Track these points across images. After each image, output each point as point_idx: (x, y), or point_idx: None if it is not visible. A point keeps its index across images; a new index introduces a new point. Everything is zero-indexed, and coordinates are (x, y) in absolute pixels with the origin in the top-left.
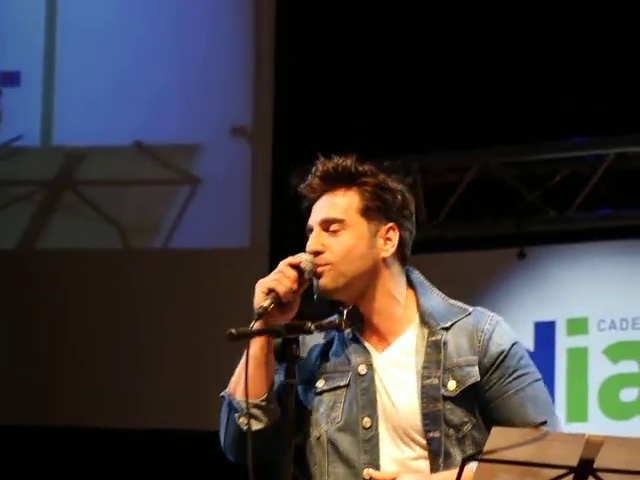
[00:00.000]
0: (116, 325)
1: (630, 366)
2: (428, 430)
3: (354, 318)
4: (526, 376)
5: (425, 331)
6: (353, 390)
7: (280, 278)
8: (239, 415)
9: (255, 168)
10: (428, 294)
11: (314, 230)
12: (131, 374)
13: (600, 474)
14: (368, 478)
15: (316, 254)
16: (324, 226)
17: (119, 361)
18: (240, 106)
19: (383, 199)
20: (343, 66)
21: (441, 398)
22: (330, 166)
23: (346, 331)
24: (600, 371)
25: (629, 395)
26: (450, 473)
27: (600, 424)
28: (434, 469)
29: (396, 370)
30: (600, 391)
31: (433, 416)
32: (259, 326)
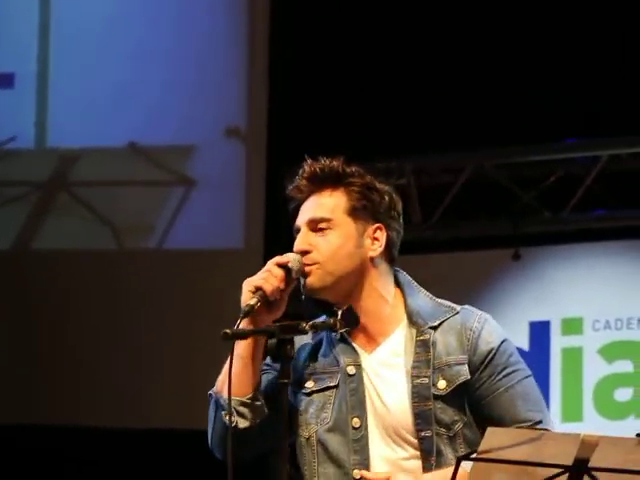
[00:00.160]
0: (111, 325)
1: (625, 366)
2: (419, 429)
3: (349, 319)
4: (516, 373)
5: (413, 331)
6: (342, 391)
7: (267, 277)
8: (226, 413)
9: (249, 169)
10: (415, 294)
11: (301, 230)
12: (127, 373)
13: (595, 473)
14: (358, 478)
15: (303, 253)
16: (311, 226)
17: (115, 360)
18: (234, 107)
19: (370, 199)
20: (338, 67)
21: (432, 397)
22: (317, 167)
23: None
24: (595, 371)
25: (624, 395)
26: (443, 472)
27: (595, 424)
28: (426, 468)
29: (385, 371)
30: (595, 391)
31: (424, 415)
32: (245, 324)
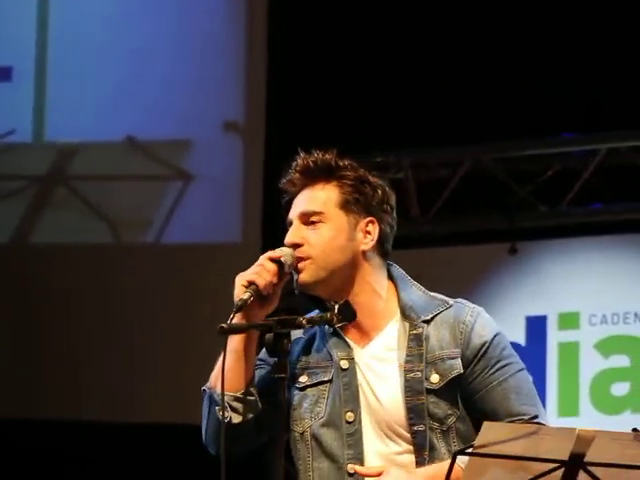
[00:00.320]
0: (108, 320)
1: (621, 360)
2: (412, 424)
3: (346, 313)
4: (509, 366)
5: (406, 325)
6: (336, 385)
7: (260, 271)
8: (219, 408)
9: (247, 164)
10: (408, 288)
11: (293, 223)
12: (123, 368)
13: (591, 468)
14: (352, 472)
15: (295, 246)
16: (303, 219)
17: (110, 355)
18: (232, 102)
19: (363, 193)
20: (336, 62)
21: (424, 391)
22: (310, 160)
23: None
24: (591, 365)
25: (620, 389)
26: (436, 466)
27: (591, 418)
28: (419, 463)
29: (378, 365)
30: (591, 385)
31: (417, 410)
32: (238, 319)
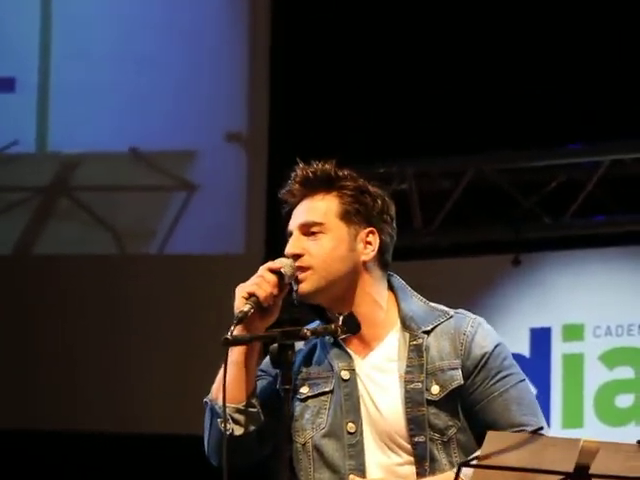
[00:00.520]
0: (111, 330)
1: (626, 372)
2: (413, 435)
3: (350, 325)
4: (510, 377)
5: (407, 335)
6: (337, 396)
7: (260, 282)
8: (221, 420)
9: (250, 174)
10: (409, 298)
11: (293, 234)
12: (126, 378)
13: None
14: None
15: (295, 257)
16: (303, 230)
17: (114, 366)
18: (235, 113)
19: (363, 203)
20: (339, 73)
21: (425, 402)
22: (309, 171)
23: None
24: (596, 377)
25: (625, 401)
26: (436, 478)
27: (596, 430)
28: (420, 474)
29: (379, 375)
30: (596, 397)
31: (417, 421)
32: (239, 331)
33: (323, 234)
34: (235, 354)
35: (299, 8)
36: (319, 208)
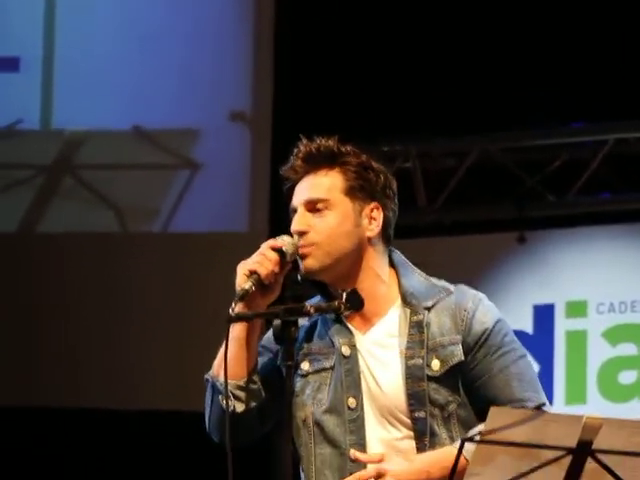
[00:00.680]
0: (115, 308)
1: (629, 349)
2: (413, 410)
3: (354, 301)
4: (511, 353)
5: (407, 311)
6: (338, 372)
7: (262, 260)
8: (222, 397)
9: (254, 153)
10: (410, 274)
11: (298, 211)
12: (127, 355)
13: (599, 455)
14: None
15: (301, 234)
16: (308, 207)
17: (118, 343)
18: (239, 91)
19: (366, 178)
20: (342, 51)
21: (425, 378)
22: (312, 147)
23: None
24: (599, 354)
25: (628, 378)
26: (435, 453)
27: (599, 407)
28: (420, 449)
29: (380, 351)
30: (599, 374)
31: (418, 396)
32: (240, 308)
33: (328, 210)
34: (236, 330)
35: None
36: (323, 184)
